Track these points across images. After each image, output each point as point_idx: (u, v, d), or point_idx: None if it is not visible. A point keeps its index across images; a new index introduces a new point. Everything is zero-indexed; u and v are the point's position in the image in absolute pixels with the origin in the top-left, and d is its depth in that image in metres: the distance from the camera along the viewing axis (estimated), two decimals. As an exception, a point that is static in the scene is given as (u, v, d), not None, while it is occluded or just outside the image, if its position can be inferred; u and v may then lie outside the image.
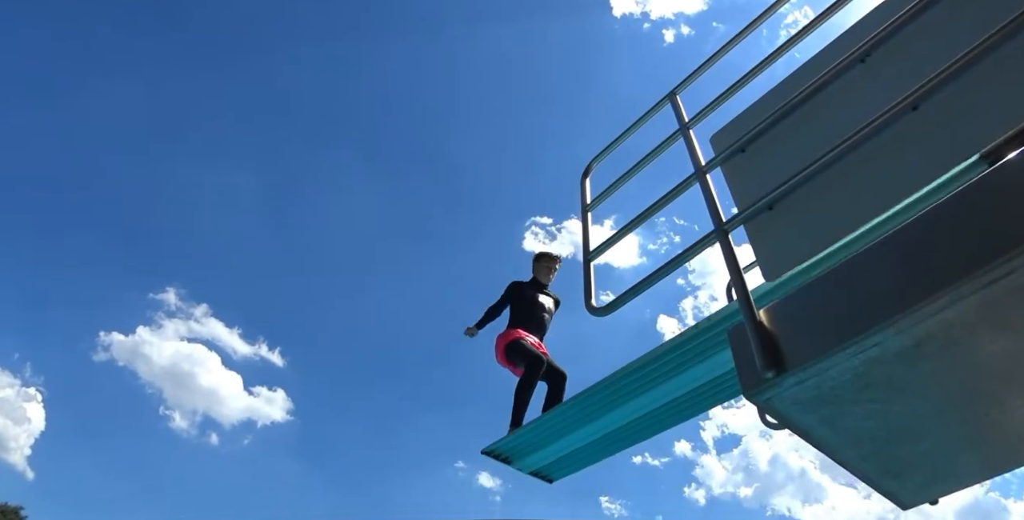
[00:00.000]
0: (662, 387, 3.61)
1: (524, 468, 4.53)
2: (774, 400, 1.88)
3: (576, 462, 4.45)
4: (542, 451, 4.37)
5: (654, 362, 3.48)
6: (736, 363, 1.95)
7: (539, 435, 4.25)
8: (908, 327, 1.77)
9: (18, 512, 49.06)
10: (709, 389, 3.64)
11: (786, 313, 1.94)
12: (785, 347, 1.87)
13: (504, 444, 4.39)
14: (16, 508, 49.29)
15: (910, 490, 2.93)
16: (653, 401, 3.75)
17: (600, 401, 3.79)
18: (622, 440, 4.18)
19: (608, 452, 4.32)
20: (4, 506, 48.28)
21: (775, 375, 1.81)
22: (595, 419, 3.93)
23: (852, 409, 2.05)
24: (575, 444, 4.25)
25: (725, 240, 2.14)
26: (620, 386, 3.68)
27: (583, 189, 3.04)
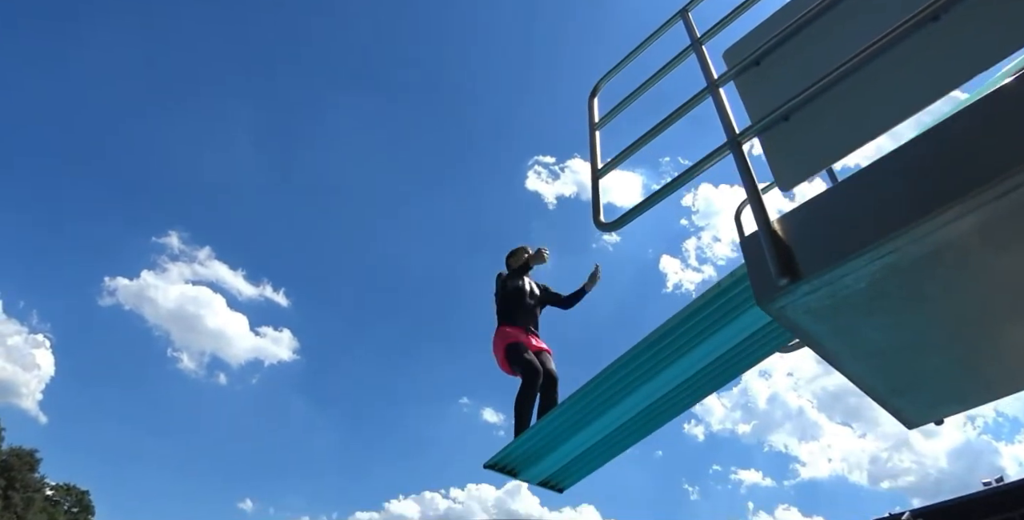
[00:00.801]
0: (666, 373, 3.48)
1: (532, 479, 4.30)
2: (787, 308, 1.88)
3: (587, 465, 4.26)
4: (549, 458, 4.14)
5: (652, 348, 3.37)
6: (750, 272, 1.94)
7: (543, 440, 4.03)
8: (926, 234, 1.75)
9: (33, 455, 50.40)
10: (719, 366, 3.54)
11: (801, 221, 1.92)
12: (799, 255, 1.85)
13: (508, 454, 4.11)
14: (31, 451, 50.61)
15: (916, 408, 2.95)
16: (658, 389, 3.58)
17: (601, 397, 3.62)
18: (632, 434, 3.94)
19: (619, 449, 4.06)
20: (19, 449, 49.57)
21: (789, 282, 1.80)
22: (600, 416, 3.78)
23: (865, 320, 2.05)
24: (583, 445, 4.07)
25: (739, 151, 2.10)
26: (620, 378, 3.52)
27: (591, 109, 2.98)
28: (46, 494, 54.02)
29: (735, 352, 3.40)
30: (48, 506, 54.36)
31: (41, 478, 51.67)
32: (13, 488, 46.99)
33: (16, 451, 48.77)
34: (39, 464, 50.54)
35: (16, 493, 47.13)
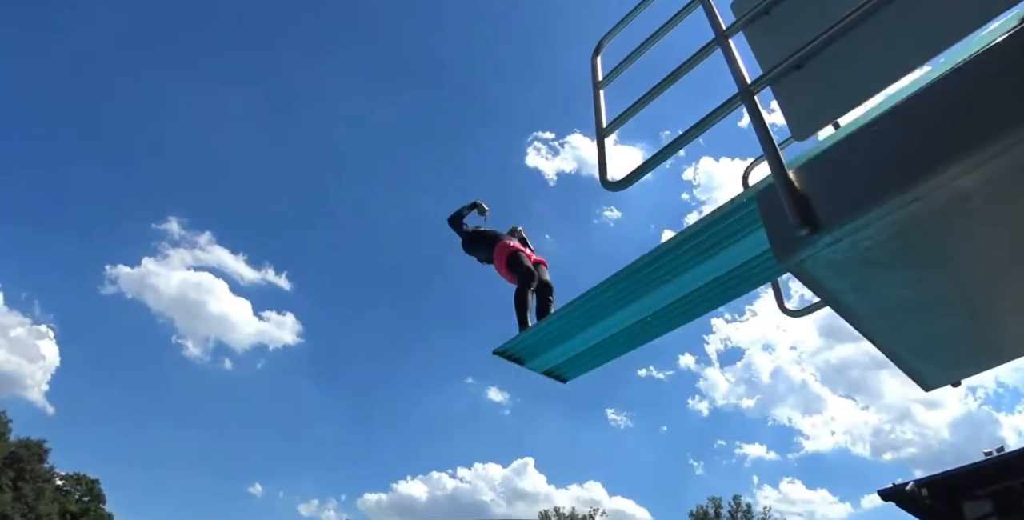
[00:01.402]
0: (674, 282, 3.52)
1: (536, 368, 4.50)
2: (807, 262, 1.80)
3: (589, 361, 4.41)
4: (554, 350, 4.33)
5: (666, 256, 3.39)
6: (766, 226, 1.86)
7: (551, 334, 4.20)
8: (951, 180, 1.67)
9: (41, 445, 50.71)
10: (723, 283, 3.56)
11: (819, 171, 1.84)
12: (819, 206, 1.77)
13: (516, 344, 4.35)
14: (39, 442, 50.90)
15: (935, 370, 2.89)
16: (665, 297, 3.67)
17: (612, 298, 3.71)
18: (634, 339, 4.11)
19: (620, 350, 4.26)
20: (27, 441, 49.86)
21: (809, 233, 1.72)
22: (607, 316, 3.87)
23: (887, 274, 1.97)
24: (588, 342, 4.22)
25: (751, 101, 2.01)
26: (632, 282, 3.59)
27: (594, 67, 2.88)
28: (56, 484, 54.44)
29: (745, 268, 3.41)
30: (59, 496, 54.82)
31: (50, 468, 52.03)
32: (23, 479, 47.32)
33: (24, 442, 49.06)
34: (48, 454, 50.89)
35: (26, 484, 47.48)
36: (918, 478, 13.63)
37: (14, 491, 45.85)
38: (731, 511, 46.78)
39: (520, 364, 4.43)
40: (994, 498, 11.93)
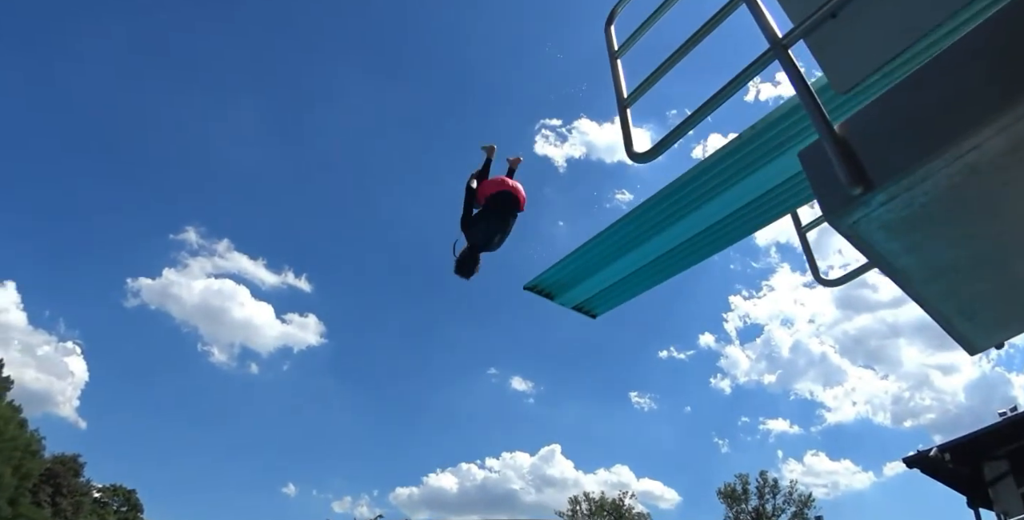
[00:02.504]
0: (705, 208, 3.42)
1: (567, 303, 4.39)
2: (860, 224, 1.68)
3: (619, 294, 4.31)
4: (584, 284, 4.24)
5: (695, 180, 3.30)
6: (814, 186, 1.74)
7: (581, 266, 4.09)
8: (1010, 124, 1.54)
9: (76, 460, 51.38)
10: (755, 208, 3.46)
11: (866, 124, 1.72)
12: (868, 162, 1.65)
13: (546, 278, 4.22)
14: (74, 456, 51.57)
15: (981, 332, 2.78)
16: (696, 224, 3.57)
17: (641, 227, 3.62)
18: (665, 269, 4.02)
19: (650, 282, 4.15)
20: (62, 456, 50.51)
21: (863, 192, 1.60)
22: (637, 247, 3.78)
23: (941, 233, 1.86)
24: (618, 274, 4.13)
25: (785, 55, 1.88)
26: (661, 209, 3.50)
27: (608, 36, 2.76)
28: (94, 497, 55.16)
29: (770, 196, 3.31)
30: (97, 508, 55.56)
31: (87, 482, 52.69)
32: (60, 494, 47.95)
33: (59, 458, 49.65)
34: (83, 468, 51.52)
35: (64, 498, 48.12)
36: (940, 444, 13.57)
37: (52, 507, 46.48)
38: (758, 487, 46.77)
39: (550, 299, 4.32)
40: (1010, 457, 11.88)
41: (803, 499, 45.61)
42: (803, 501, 45.48)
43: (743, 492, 46.82)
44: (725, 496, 47.13)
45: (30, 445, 40.98)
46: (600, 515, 52.77)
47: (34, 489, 43.55)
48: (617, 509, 52.75)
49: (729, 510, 46.81)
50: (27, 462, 39.84)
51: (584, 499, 54.38)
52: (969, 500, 12.67)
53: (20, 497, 39.61)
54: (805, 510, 45.07)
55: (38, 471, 42.82)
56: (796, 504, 45.48)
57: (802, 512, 45.13)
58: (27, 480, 40.39)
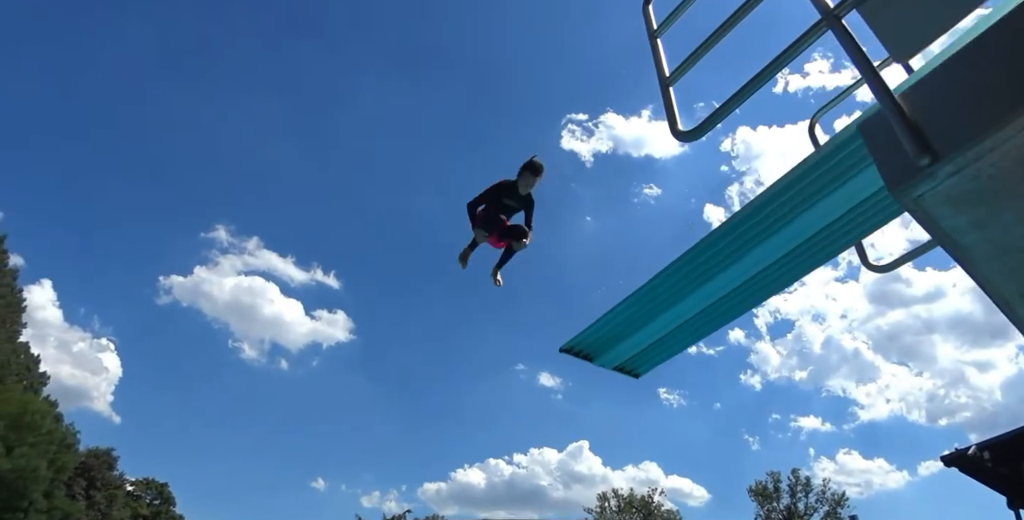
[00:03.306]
0: (748, 257, 3.23)
1: (607, 364, 4.17)
2: (926, 197, 1.61)
3: (662, 351, 4.08)
4: (624, 343, 4.03)
5: (740, 226, 3.12)
6: (877, 160, 1.67)
7: (619, 326, 3.88)
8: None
9: (110, 454, 52.24)
10: (808, 249, 3.25)
11: (929, 95, 1.64)
12: (933, 134, 1.58)
13: (583, 339, 4.02)
14: (108, 450, 52.43)
15: (1042, 317, 2.68)
16: (739, 275, 3.35)
17: (680, 281, 3.40)
18: (710, 322, 3.75)
19: (695, 337, 3.89)
20: (96, 450, 51.38)
21: (929, 163, 1.53)
22: (677, 302, 3.53)
23: (1008, 207, 1.77)
24: (660, 332, 3.90)
25: (839, 25, 1.81)
26: (701, 263, 3.30)
27: (647, 16, 2.70)
28: (127, 490, 56.08)
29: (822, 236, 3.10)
30: (130, 501, 56.49)
31: (120, 475, 53.57)
32: (95, 487, 48.81)
33: (94, 452, 50.54)
34: (117, 462, 52.39)
35: (98, 491, 48.97)
36: (979, 442, 13.26)
37: (87, 499, 47.31)
38: (790, 485, 46.12)
39: (589, 361, 4.11)
40: (1051, 456, 11.56)
41: (836, 498, 44.99)
42: (836, 500, 44.84)
43: (775, 490, 46.24)
44: (756, 494, 46.61)
45: (65, 439, 41.73)
46: (629, 512, 52.51)
47: (69, 482, 44.36)
48: (646, 506, 52.47)
49: (760, 508, 46.35)
50: (62, 456, 40.58)
51: (613, 495, 54.19)
52: (1009, 500, 12.36)
53: (55, 490, 40.35)
54: (838, 509, 44.42)
55: (73, 464, 43.59)
56: (829, 503, 44.87)
57: (835, 511, 44.48)
58: (62, 473, 41.15)
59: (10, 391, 38.41)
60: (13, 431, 36.18)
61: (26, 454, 35.79)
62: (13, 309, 42.16)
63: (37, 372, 45.74)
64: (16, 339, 43.43)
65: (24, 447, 36.03)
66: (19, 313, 43.70)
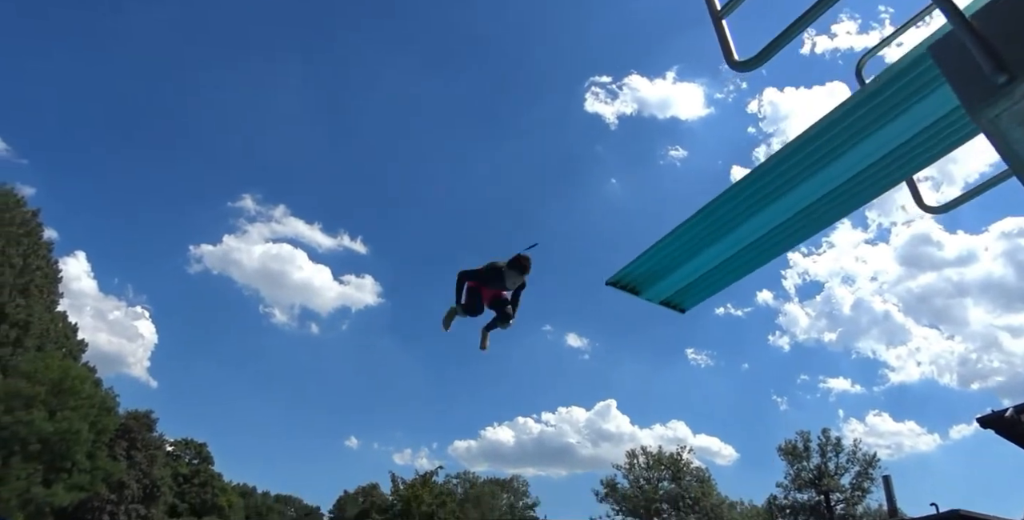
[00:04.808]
0: (801, 188, 3.11)
1: (653, 298, 4.02)
2: (1003, 117, 1.54)
3: (709, 286, 3.99)
4: (670, 277, 3.92)
5: (788, 160, 3.00)
6: (952, 80, 1.60)
7: (666, 259, 3.76)
8: None
9: (149, 416, 53.79)
10: (857, 185, 3.13)
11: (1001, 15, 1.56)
12: (1009, 51, 1.51)
13: (629, 272, 3.90)
14: (147, 412, 53.93)
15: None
16: (790, 206, 3.23)
17: (730, 213, 3.29)
18: (757, 257, 3.60)
19: (743, 272, 3.72)
20: (136, 412, 52.87)
21: (1008, 81, 1.47)
22: (725, 235, 3.37)
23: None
24: (706, 266, 3.81)
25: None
26: (751, 194, 3.19)
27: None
28: (167, 450, 57.88)
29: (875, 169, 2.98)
30: (170, 461, 58.34)
31: (160, 436, 55.20)
32: (135, 448, 50.37)
33: (133, 414, 52.01)
34: (156, 424, 53.97)
35: (139, 452, 50.55)
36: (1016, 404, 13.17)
37: (128, 459, 48.87)
38: (820, 445, 46.16)
39: (635, 294, 3.98)
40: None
41: (868, 459, 45.04)
42: (868, 461, 44.90)
43: (804, 450, 46.32)
44: (786, 453, 46.78)
45: (105, 402, 42.97)
46: (657, 469, 53.16)
47: (110, 443, 45.78)
48: (675, 464, 53.09)
49: (790, 467, 46.53)
50: (103, 418, 41.83)
51: (641, 453, 54.94)
52: (1046, 464, 12.35)
53: (97, 451, 41.69)
54: (870, 470, 44.47)
55: (114, 427, 44.94)
56: (860, 463, 44.94)
57: (867, 472, 44.55)
58: (104, 435, 42.46)
59: (50, 358, 39.49)
60: (55, 396, 37.29)
61: (68, 417, 36.93)
62: (50, 280, 43.08)
63: (75, 340, 46.96)
64: (54, 309, 44.51)
65: (66, 411, 37.15)
66: (55, 284, 44.71)
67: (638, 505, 52.09)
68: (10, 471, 34.65)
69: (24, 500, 36.07)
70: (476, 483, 63.75)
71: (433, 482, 51.76)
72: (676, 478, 52.26)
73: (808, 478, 45.63)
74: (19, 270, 39.10)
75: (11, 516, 34.56)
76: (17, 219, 40.16)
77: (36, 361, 38.35)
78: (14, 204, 40.52)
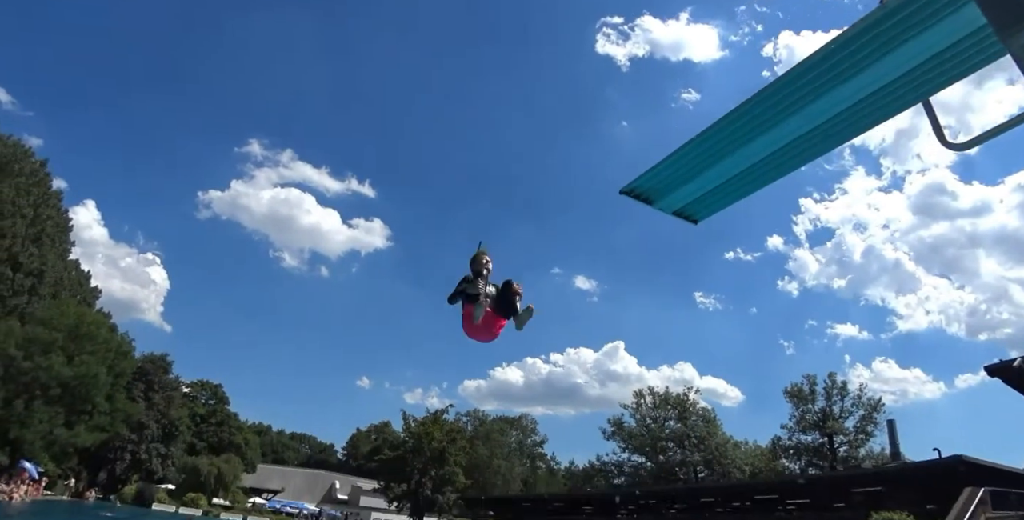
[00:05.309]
0: (823, 100, 3.00)
1: (666, 208, 3.94)
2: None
3: (723, 198, 3.87)
4: (686, 187, 3.85)
5: (808, 73, 2.87)
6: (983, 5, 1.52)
7: (683, 168, 3.67)
8: None
9: (165, 359, 54.96)
10: (876, 101, 3.01)
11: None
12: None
13: (644, 181, 3.81)
14: (163, 355, 55.12)
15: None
16: (812, 118, 3.11)
17: (750, 123, 3.20)
18: (775, 169, 3.54)
19: (758, 184, 3.66)
20: (152, 356, 54.00)
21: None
22: (743, 145, 3.28)
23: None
24: (722, 177, 3.72)
25: None
26: (771, 104, 3.05)
27: None
28: (183, 391, 59.27)
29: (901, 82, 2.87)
30: (187, 401, 59.80)
31: (176, 378, 56.51)
32: (153, 390, 51.61)
33: (149, 357, 53.11)
34: (172, 367, 55.20)
35: (156, 393, 51.81)
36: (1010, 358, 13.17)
37: (146, 401, 50.15)
38: (826, 388, 46.63)
39: (649, 204, 3.90)
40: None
41: (872, 403, 45.49)
42: (872, 405, 45.36)
43: (810, 393, 46.80)
44: (792, 396, 47.31)
45: (121, 347, 43.76)
46: (664, 409, 54.04)
47: (128, 386, 46.89)
48: (681, 404, 54.04)
49: (795, 410, 47.10)
50: (120, 362, 42.69)
51: (648, 393, 55.84)
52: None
53: (116, 393, 42.71)
54: (874, 414, 44.99)
55: (131, 369, 45.92)
56: (865, 408, 45.43)
57: (871, 416, 45.08)
58: (121, 378, 43.42)
59: (66, 305, 40.07)
60: (72, 341, 38.00)
61: (86, 362, 37.71)
62: (61, 229, 43.33)
63: (89, 287, 47.61)
64: (66, 257, 44.95)
65: (84, 355, 37.90)
66: (67, 233, 44.98)
67: (644, 443, 53.37)
68: (33, 415, 35.66)
69: (48, 442, 37.20)
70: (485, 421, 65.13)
71: (443, 420, 52.88)
72: (682, 418, 53.27)
73: (812, 420, 46.23)
74: (30, 220, 39.31)
75: (37, 457, 35.73)
76: (26, 170, 40.17)
77: (52, 308, 38.96)
78: (22, 155, 40.43)
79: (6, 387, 35.33)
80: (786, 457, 48.30)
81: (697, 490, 38.14)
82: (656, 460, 52.74)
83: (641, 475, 52.78)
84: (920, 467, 25.16)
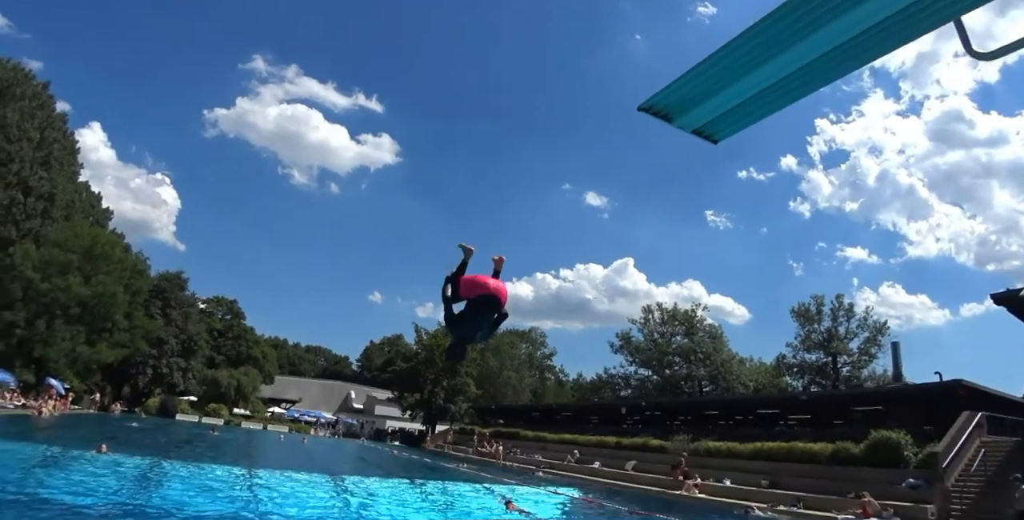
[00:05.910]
0: (846, 18, 2.88)
1: (685, 126, 3.81)
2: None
3: (745, 116, 3.60)
4: (707, 104, 3.67)
5: None
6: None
7: (702, 84, 3.53)
8: None
9: (180, 276, 55.73)
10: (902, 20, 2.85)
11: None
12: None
13: (663, 97, 3.66)
14: (178, 273, 55.89)
15: None
16: (838, 34, 3.02)
17: (776, 36, 3.11)
18: (799, 87, 3.44)
19: (782, 103, 3.53)
20: (167, 273, 54.74)
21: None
22: (766, 62, 3.18)
23: None
24: (744, 94, 3.56)
25: None
26: (798, 16, 2.92)
27: None
28: (200, 308, 60.50)
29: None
30: (204, 317, 61.15)
31: (192, 295, 57.54)
32: (170, 306, 52.67)
33: (165, 275, 53.88)
34: (187, 284, 56.09)
35: (173, 310, 52.90)
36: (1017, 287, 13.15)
37: (164, 317, 51.30)
38: (833, 309, 47.01)
39: (667, 121, 3.80)
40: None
41: (878, 326, 45.94)
42: (878, 328, 45.81)
43: (817, 313, 47.21)
44: (798, 315, 47.80)
45: (136, 266, 44.38)
46: (671, 324, 54.74)
47: (146, 303, 47.86)
48: (689, 320, 54.68)
49: (801, 329, 47.68)
50: (136, 280, 43.40)
51: (656, 309, 56.46)
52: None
53: (134, 311, 43.64)
54: (879, 337, 45.47)
55: (147, 287, 46.72)
56: (870, 330, 45.89)
57: (876, 338, 45.58)
58: (139, 296, 44.27)
59: (79, 227, 40.36)
60: (88, 262, 38.54)
61: (103, 281, 38.37)
62: (68, 152, 42.94)
63: (100, 209, 47.73)
64: (76, 180, 44.77)
65: (100, 275, 38.52)
66: (74, 155, 44.58)
67: (651, 357, 54.49)
68: (55, 334, 36.64)
69: (71, 359, 38.38)
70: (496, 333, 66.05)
71: (454, 332, 53.71)
72: (689, 334, 54.11)
73: (818, 340, 46.87)
74: (37, 144, 38.94)
75: (62, 374, 37.01)
76: (28, 93, 39.43)
77: (66, 230, 39.27)
78: (23, 79, 39.58)
79: (27, 308, 36.17)
80: (790, 375, 49.28)
81: (701, 403, 39.32)
82: (662, 374, 53.94)
83: (647, 388, 54.04)
84: (920, 388, 25.60)
